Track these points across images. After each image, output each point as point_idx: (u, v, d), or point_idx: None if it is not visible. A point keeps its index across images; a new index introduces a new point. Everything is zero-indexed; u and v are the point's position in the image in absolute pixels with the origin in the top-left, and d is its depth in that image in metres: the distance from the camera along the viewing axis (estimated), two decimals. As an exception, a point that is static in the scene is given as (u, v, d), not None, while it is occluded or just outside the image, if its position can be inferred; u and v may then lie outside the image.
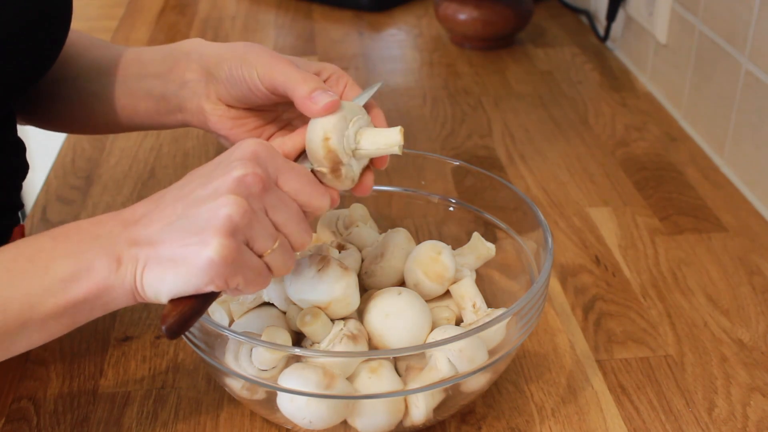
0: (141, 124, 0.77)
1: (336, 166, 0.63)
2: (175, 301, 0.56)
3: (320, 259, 0.66)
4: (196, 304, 0.57)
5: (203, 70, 0.71)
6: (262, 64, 0.67)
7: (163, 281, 0.56)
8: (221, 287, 0.56)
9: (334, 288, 0.65)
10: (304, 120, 0.66)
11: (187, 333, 0.64)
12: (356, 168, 0.65)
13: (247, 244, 0.57)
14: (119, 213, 0.59)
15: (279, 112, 0.72)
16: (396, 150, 0.64)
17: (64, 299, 0.56)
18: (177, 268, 0.55)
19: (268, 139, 0.72)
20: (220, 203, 0.55)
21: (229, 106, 0.71)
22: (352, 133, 0.64)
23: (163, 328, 0.56)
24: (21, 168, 0.78)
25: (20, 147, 0.78)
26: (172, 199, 0.58)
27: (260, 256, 0.58)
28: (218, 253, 0.54)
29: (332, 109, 0.63)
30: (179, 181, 0.60)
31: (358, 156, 0.65)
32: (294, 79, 0.65)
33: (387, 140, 0.64)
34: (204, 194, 0.56)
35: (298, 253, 0.65)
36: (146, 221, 0.57)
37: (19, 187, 0.80)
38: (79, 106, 0.79)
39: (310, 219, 0.62)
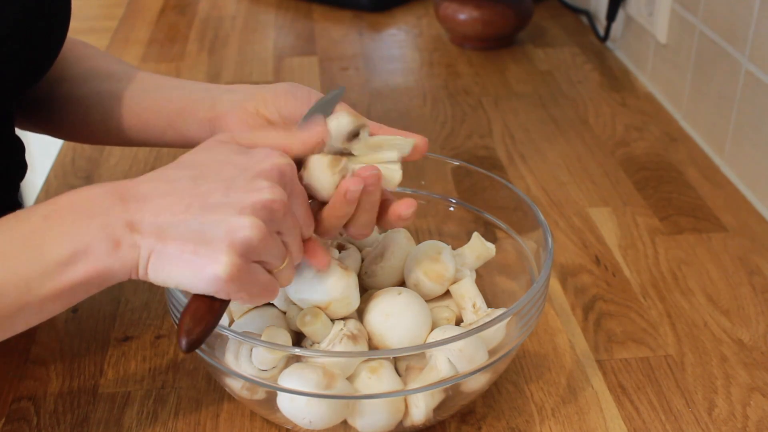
0: (154, 129, 0.76)
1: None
2: (195, 317, 0.57)
3: None
4: (214, 321, 0.58)
5: (245, 90, 0.72)
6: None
7: (170, 277, 0.56)
8: (225, 298, 0.57)
9: (334, 288, 0.65)
10: None
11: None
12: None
13: (259, 262, 0.57)
14: (115, 186, 0.57)
15: None
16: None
17: (62, 282, 0.55)
18: (182, 270, 0.56)
19: None
20: (241, 224, 0.55)
21: (262, 115, 0.71)
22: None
23: (183, 342, 0.57)
24: (19, 168, 0.78)
25: (19, 146, 0.78)
26: (186, 192, 0.56)
27: (269, 272, 0.58)
28: (225, 272, 0.55)
29: None
30: (191, 160, 0.59)
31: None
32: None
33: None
34: (224, 202, 0.56)
35: None
36: (153, 208, 0.56)
37: (17, 187, 0.79)
38: (94, 109, 0.78)
39: None
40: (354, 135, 0.63)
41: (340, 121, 0.63)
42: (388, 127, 0.67)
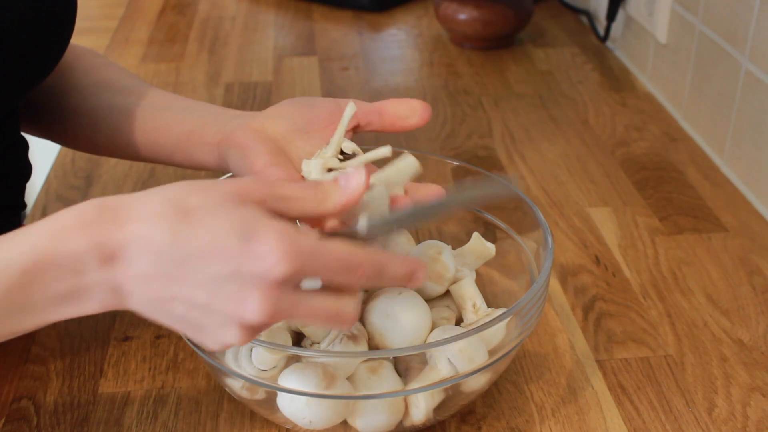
0: (162, 149, 0.75)
1: None
2: None
3: None
4: None
5: (252, 113, 0.73)
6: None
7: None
8: None
9: None
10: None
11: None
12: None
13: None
14: (99, 234, 0.52)
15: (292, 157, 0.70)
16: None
17: (46, 322, 0.54)
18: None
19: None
20: (227, 336, 0.53)
21: (270, 129, 0.70)
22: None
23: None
24: (24, 167, 0.78)
25: (23, 146, 0.78)
26: (171, 278, 0.51)
27: None
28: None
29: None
30: (192, 225, 0.51)
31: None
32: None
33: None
34: (208, 307, 0.52)
35: None
36: (139, 281, 0.52)
37: (23, 187, 0.79)
38: (103, 123, 0.78)
39: None
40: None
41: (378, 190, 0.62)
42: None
